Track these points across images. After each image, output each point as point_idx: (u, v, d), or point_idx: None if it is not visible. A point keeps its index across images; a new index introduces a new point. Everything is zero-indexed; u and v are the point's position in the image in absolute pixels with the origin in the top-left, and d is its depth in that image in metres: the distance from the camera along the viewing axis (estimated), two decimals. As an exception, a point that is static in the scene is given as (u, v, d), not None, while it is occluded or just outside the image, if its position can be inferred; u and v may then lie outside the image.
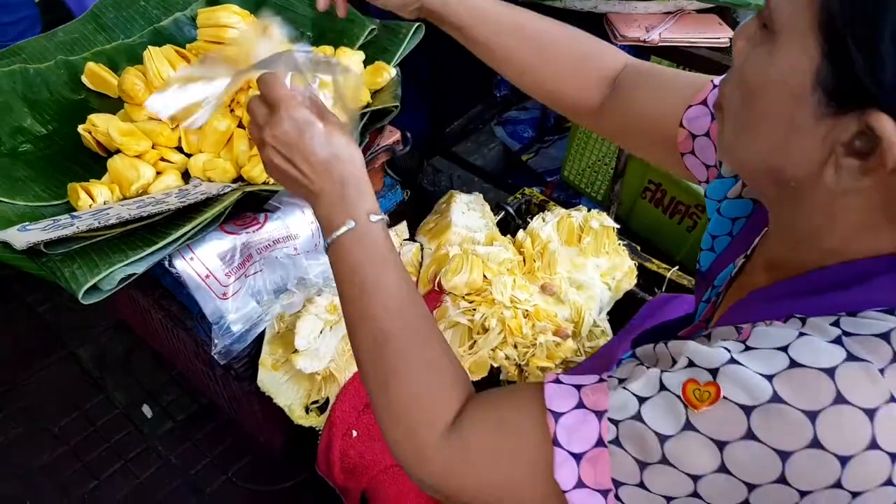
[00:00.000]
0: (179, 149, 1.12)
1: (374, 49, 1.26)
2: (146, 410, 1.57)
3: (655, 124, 0.70)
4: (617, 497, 0.48)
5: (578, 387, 0.51)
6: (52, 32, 1.33)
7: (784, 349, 0.42)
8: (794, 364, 0.41)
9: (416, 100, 1.62)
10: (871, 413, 0.39)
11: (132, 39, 1.30)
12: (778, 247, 0.54)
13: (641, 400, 0.46)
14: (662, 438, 0.44)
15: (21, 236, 0.89)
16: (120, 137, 1.08)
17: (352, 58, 1.22)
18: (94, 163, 1.14)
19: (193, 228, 0.91)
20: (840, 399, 0.39)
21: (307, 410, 1.11)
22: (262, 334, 1.06)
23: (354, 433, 1.03)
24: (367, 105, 1.15)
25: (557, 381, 0.53)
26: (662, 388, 0.46)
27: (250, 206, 1.02)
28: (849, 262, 0.46)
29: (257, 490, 1.44)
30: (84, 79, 1.25)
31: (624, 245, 1.31)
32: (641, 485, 0.46)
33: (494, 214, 1.36)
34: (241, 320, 0.95)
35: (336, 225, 0.63)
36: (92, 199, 1.01)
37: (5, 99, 1.20)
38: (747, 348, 0.44)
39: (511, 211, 1.40)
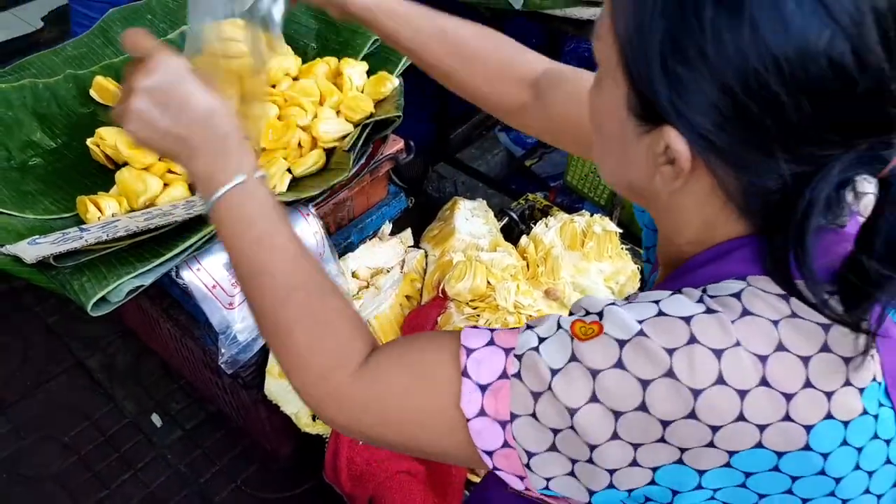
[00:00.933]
0: (186, 160, 1.14)
1: (377, 59, 1.28)
2: (155, 419, 1.58)
3: (576, 125, 0.73)
4: (512, 432, 0.52)
5: (493, 330, 0.57)
6: (60, 47, 1.35)
7: (656, 302, 0.51)
8: (661, 313, 0.50)
9: (420, 107, 1.64)
10: (718, 353, 0.47)
11: (139, 53, 1.32)
12: (665, 247, 0.62)
13: (542, 339, 0.52)
14: (553, 371, 0.50)
15: (31, 250, 0.90)
16: (127, 150, 1.09)
17: (355, 68, 1.23)
18: (102, 175, 1.16)
19: (200, 239, 0.92)
20: (693, 340, 0.48)
21: (314, 418, 1.12)
22: (269, 343, 1.07)
23: (361, 441, 1.04)
24: (371, 115, 1.16)
25: (475, 326, 0.57)
26: (559, 327, 0.53)
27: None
28: (711, 247, 0.54)
29: (266, 498, 1.44)
30: (92, 92, 1.27)
31: (627, 249, 1.32)
32: (533, 415, 0.51)
33: (498, 220, 1.37)
34: (248, 330, 0.96)
35: (223, 180, 0.61)
36: (100, 211, 1.03)
37: (15, 113, 1.22)
38: (629, 302, 0.52)
39: (514, 216, 1.41)
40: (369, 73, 1.26)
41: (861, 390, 0.49)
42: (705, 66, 0.46)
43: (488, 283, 1.15)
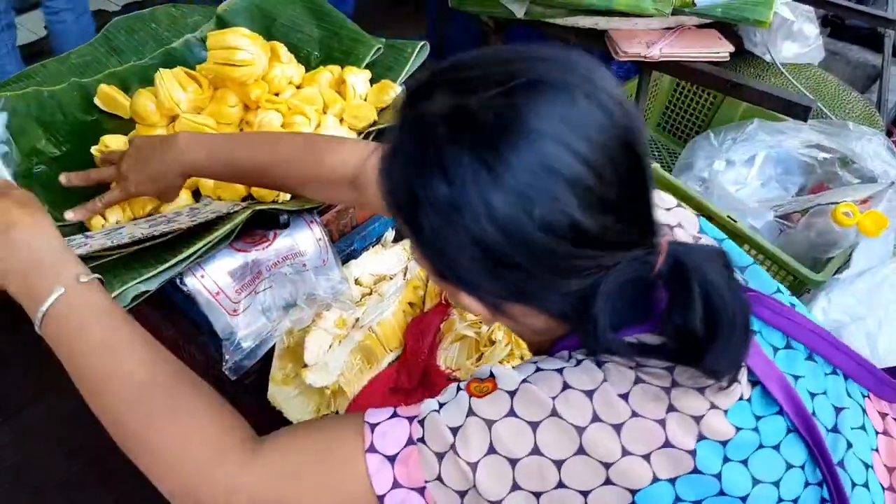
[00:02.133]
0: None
1: (380, 68, 1.28)
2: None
3: None
4: (430, 499, 0.54)
5: (396, 406, 0.59)
6: (65, 55, 1.36)
7: (534, 363, 0.57)
8: (538, 369, 0.56)
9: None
10: (589, 394, 0.53)
11: (144, 61, 1.33)
12: (528, 343, 0.70)
13: (442, 404, 0.56)
14: (453, 430, 0.53)
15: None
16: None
17: (358, 76, 1.24)
18: (105, 183, 1.17)
19: (204, 246, 0.92)
20: (567, 386, 0.54)
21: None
22: (273, 350, 1.07)
23: None
24: (374, 123, 1.17)
25: (379, 409, 0.59)
26: (458, 390, 0.56)
27: (259, 223, 1.04)
28: (557, 340, 0.61)
29: None
30: (97, 100, 1.28)
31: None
32: (440, 479, 0.53)
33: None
34: (252, 336, 0.96)
35: (43, 296, 0.59)
36: (104, 218, 1.03)
37: (20, 121, 1.23)
38: (515, 367, 0.58)
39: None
40: (372, 81, 1.26)
41: (725, 412, 0.53)
42: (466, 247, 0.50)
43: (491, 289, 1.15)
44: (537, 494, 0.51)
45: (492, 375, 0.56)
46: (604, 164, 0.48)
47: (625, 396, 0.53)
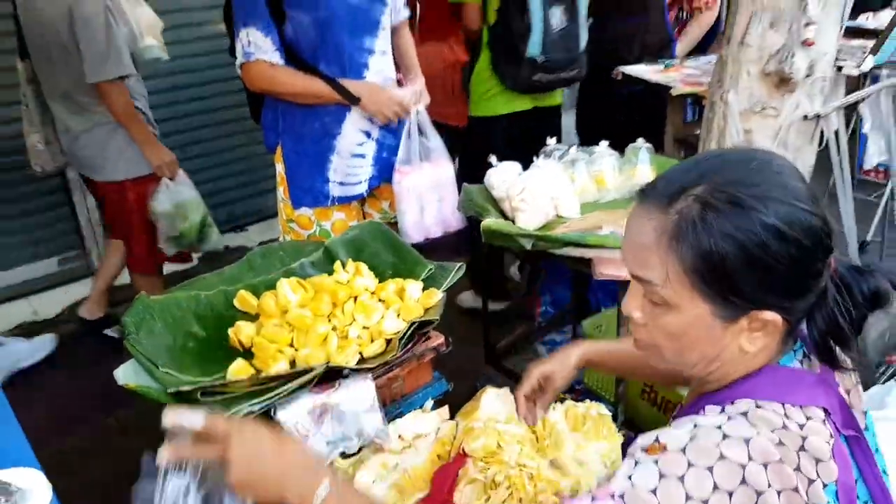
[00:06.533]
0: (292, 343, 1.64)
1: (429, 280, 1.80)
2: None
3: None
4: None
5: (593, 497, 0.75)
6: (220, 271, 1.97)
7: (692, 420, 0.77)
8: (696, 425, 0.76)
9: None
10: (746, 441, 0.71)
11: (271, 276, 1.91)
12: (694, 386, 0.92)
13: (629, 475, 0.73)
14: (653, 491, 0.70)
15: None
16: (254, 339, 1.61)
17: (414, 286, 1.75)
18: (235, 356, 1.67)
19: (291, 389, 1.37)
20: (725, 436, 0.72)
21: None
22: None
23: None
24: (423, 315, 1.64)
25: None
26: (636, 463, 0.75)
27: (329, 377, 1.48)
28: (733, 381, 0.83)
29: None
30: (236, 302, 1.83)
31: (622, 434, 1.62)
32: None
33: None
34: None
35: (314, 489, 0.80)
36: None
37: (182, 313, 1.79)
38: (671, 427, 0.79)
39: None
40: (423, 289, 1.77)
41: (825, 485, 0.72)
42: (774, 257, 0.74)
43: (498, 445, 1.48)
44: None
45: (657, 440, 0.74)
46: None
47: (778, 445, 0.71)
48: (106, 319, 3.42)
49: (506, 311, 3.10)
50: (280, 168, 2.38)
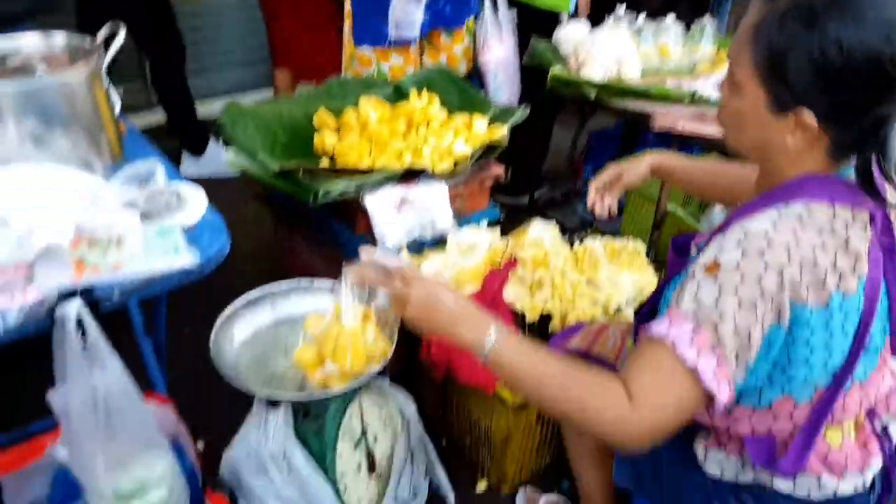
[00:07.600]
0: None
1: (493, 117, 1.97)
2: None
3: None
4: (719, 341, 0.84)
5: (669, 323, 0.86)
6: (298, 96, 2.13)
7: (744, 233, 0.88)
8: (746, 235, 0.87)
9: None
10: (787, 247, 0.85)
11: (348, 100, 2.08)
12: (760, 181, 0.99)
13: (694, 295, 0.86)
14: (713, 303, 0.84)
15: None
16: (336, 146, 1.80)
17: (480, 121, 1.92)
18: (317, 158, 1.87)
19: (380, 178, 1.57)
20: (771, 241, 0.85)
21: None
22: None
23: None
24: (490, 142, 1.82)
25: (662, 333, 0.86)
26: (697, 284, 0.86)
27: (409, 176, 1.68)
28: (790, 179, 0.92)
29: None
30: (315, 120, 2.01)
31: (651, 265, 1.84)
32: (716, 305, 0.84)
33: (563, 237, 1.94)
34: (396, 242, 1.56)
35: (483, 341, 0.89)
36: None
37: (268, 122, 1.98)
38: (726, 234, 0.90)
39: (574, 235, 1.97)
40: (488, 125, 1.95)
41: (859, 278, 0.86)
42: (828, 68, 0.81)
43: (545, 255, 1.71)
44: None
45: (715, 260, 0.85)
46: None
47: (820, 232, 0.84)
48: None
49: (552, 171, 3.20)
50: (348, 5, 2.51)
